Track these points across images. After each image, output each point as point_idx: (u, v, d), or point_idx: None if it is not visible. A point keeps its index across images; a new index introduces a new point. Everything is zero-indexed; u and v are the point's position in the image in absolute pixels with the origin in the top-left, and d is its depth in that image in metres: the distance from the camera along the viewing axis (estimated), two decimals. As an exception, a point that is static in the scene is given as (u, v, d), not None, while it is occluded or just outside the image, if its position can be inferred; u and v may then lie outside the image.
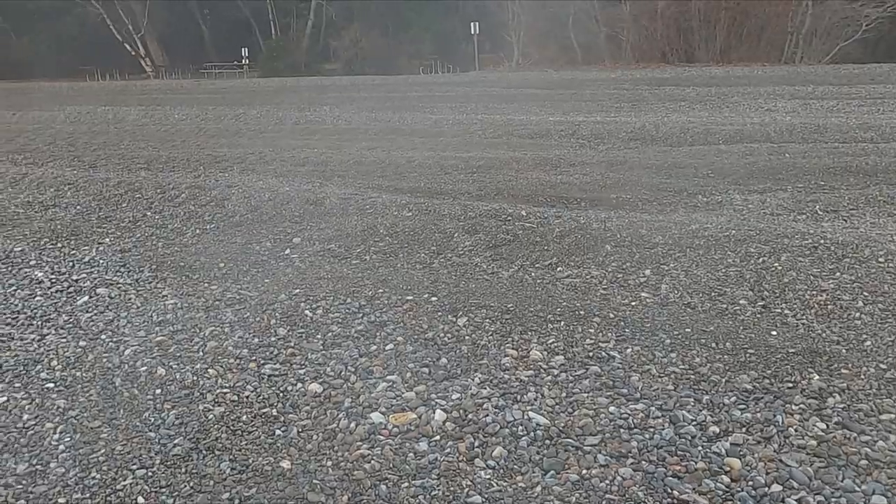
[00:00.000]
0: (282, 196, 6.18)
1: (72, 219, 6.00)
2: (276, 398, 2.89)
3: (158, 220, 5.83)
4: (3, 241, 5.37)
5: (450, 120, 12.54)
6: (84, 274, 4.54)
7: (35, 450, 2.64)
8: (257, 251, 4.88)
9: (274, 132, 11.95)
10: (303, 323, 3.61)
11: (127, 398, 2.95)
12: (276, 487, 2.33)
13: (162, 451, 2.58)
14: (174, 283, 4.29)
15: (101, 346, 3.44)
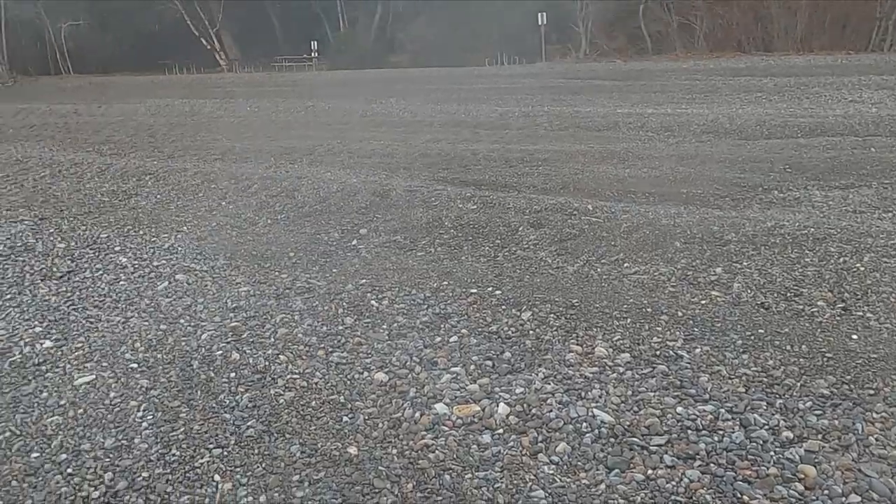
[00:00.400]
0: (349, 187, 6.31)
1: (152, 207, 6.30)
2: (344, 386, 2.97)
3: (232, 209, 6.05)
4: (90, 228, 5.70)
5: (515, 112, 12.46)
6: (164, 260, 4.77)
7: (121, 426, 2.81)
8: (325, 241, 5.01)
9: (341, 124, 12.17)
10: (369, 313, 3.69)
11: (204, 380, 3.10)
12: (343, 472, 2.40)
13: (236, 432, 2.69)
14: (247, 270, 4.46)
15: (179, 330, 3.62)
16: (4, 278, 4.66)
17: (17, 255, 5.13)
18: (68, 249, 5.17)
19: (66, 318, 3.89)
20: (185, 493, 2.40)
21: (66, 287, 4.39)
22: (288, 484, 2.38)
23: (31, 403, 3.05)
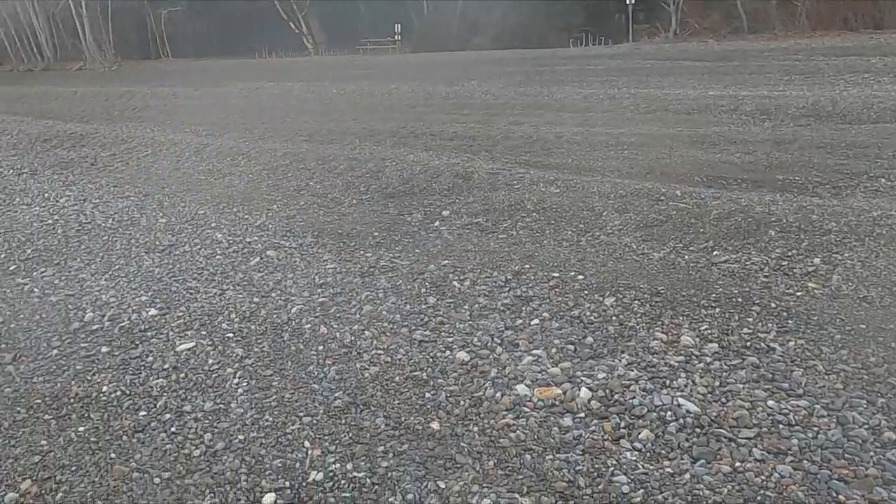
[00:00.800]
0: (432, 169, 6.37)
1: (245, 186, 6.59)
2: (426, 363, 3.03)
3: (319, 189, 6.24)
4: (189, 205, 6.03)
5: (600, 94, 12.18)
6: (256, 237, 4.99)
7: (218, 391, 2.99)
8: (409, 222, 5.09)
9: (424, 107, 12.27)
10: (451, 293, 3.74)
11: (294, 352, 3.24)
12: (426, 446, 2.47)
13: (324, 402, 2.81)
14: (334, 248, 4.60)
15: (271, 304, 3.79)
16: (113, 250, 5.01)
17: (124, 229, 5.50)
18: (169, 224, 5.50)
19: (169, 289, 4.15)
20: (278, 456, 2.53)
21: (167, 260, 4.68)
22: (373, 454, 2.47)
23: (138, 366, 3.28)
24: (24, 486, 2.56)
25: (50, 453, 2.73)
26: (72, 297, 4.19)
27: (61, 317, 3.92)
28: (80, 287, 4.34)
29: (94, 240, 5.30)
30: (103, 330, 3.70)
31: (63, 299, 4.16)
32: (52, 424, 2.92)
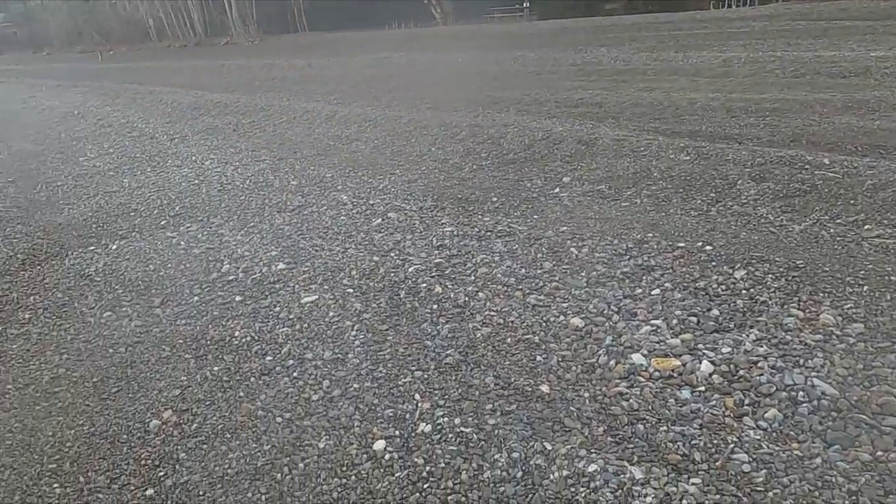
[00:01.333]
0: (554, 136, 6.22)
1: (370, 151, 6.78)
2: (539, 327, 2.99)
3: (441, 154, 6.30)
4: (318, 168, 6.30)
5: (741, 58, 11.30)
6: (378, 199, 5.13)
7: (337, 342, 3.12)
8: (528, 188, 5.02)
9: (550, 74, 11.99)
10: (568, 259, 3.65)
11: (409, 309, 3.32)
12: (535, 408, 2.45)
13: (436, 358, 2.86)
14: (452, 212, 4.63)
15: (389, 262, 3.89)
16: (249, 209, 5.35)
17: (259, 190, 5.85)
18: (299, 186, 5.78)
19: (296, 246, 4.37)
20: (389, 406, 2.61)
21: (296, 219, 4.93)
22: (481, 411, 2.48)
23: (267, 315, 3.50)
24: (166, 415, 2.83)
25: (188, 388, 2.99)
26: (212, 250, 4.53)
27: (202, 267, 4.25)
28: (219, 241, 4.68)
29: (232, 199, 5.69)
30: (238, 281, 3.98)
31: (204, 252, 4.51)
32: (191, 363, 3.19)
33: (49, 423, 2.91)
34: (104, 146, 9.33)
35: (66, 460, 2.66)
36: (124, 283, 4.23)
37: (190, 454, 2.57)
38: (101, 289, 4.20)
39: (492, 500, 2.11)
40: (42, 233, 5.63)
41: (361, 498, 2.22)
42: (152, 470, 2.53)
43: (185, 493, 2.38)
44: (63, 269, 4.67)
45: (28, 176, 8.11)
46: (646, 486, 2.03)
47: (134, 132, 10.14)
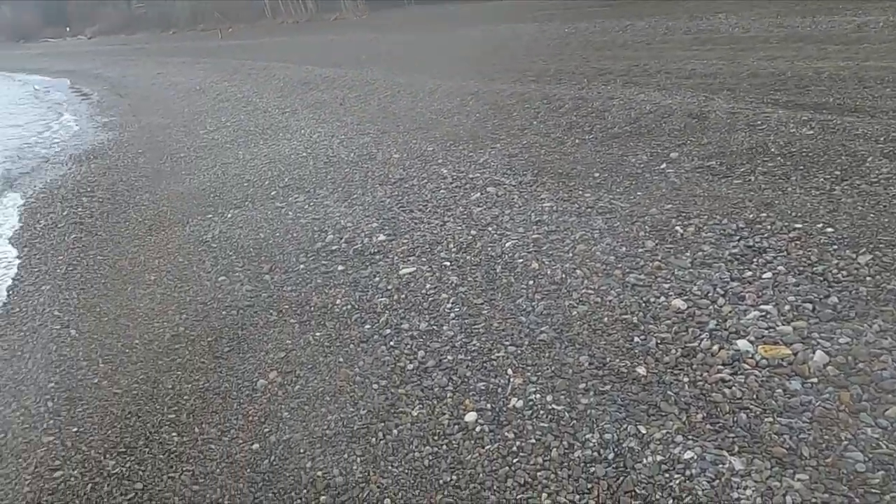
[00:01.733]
0: (663, 109, 5.95)
1: (472, 125, 6.77)
2: (638, 307, 2.90)
3: (543, 128, 6.19)
4: (420, 142, 6.37)
5: (879, 22, 10.28)
6: (478, 173, 5.12)
7: (433, 313, 3.18)
8: (632, 163, 4.84)
9: (661, 43, 11.43)
10: (672, 238, 3.51)
11: (505, 284, 3.31)
12: (630, 389, 2.39)
13: (530, 334, 2.85)
14: (552, 187, 4.56)
15: (487, 237, 3.89)
16: (353, 181, 5.50)
17: (362, 163, 6.01)
18: (401, 160, 5.87)
19: (397, 218, 4.46)
20: (482, 379, 2.64)
21: (397, 191, 5.02)
22: (574, 390, 2.45)
23: (366, 285, 3.61)
24: (272, 376, 2.99)
25: (292, 351, 3.14)
26: (317, 220, 4.71)
27: (308, 237, 4.44)
28: (324, 212, 4.85)
29: (337, 171, 5.87)
30: (340, 251, 4.12)
31: (310, 222, 4.70)
32: (295, 328, 3.35)
33: (169, 376, 3.16)
34: (222, 120, 9.87)
35: (183, 412, 2.89)
36: (237, 249, 4.48)
37: (292, 413, 2.71)
38: (216, 254, 4.48)
39: (581, 479, 2.09)
40: (166, 201, 6.06)
41: (451, 467, 2.27)
42: (258, 426, 2.69)
43: (287, 450, 2.52)
44: (184, 235, 5.02)
45: (155, 148, 8.74)
46: (746, 478, 1.94)
47: (249, 106, 10.66)
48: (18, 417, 3.06)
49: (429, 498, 2.17)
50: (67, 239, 5.46)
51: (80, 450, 2.75)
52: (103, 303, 4.12)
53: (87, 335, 3.73)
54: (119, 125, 11.60)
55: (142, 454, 2.67)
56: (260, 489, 2.38)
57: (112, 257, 4.87)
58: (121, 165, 8.02)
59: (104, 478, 2.57)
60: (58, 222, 5.98)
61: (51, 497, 2.52)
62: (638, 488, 2.00)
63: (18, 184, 8.12)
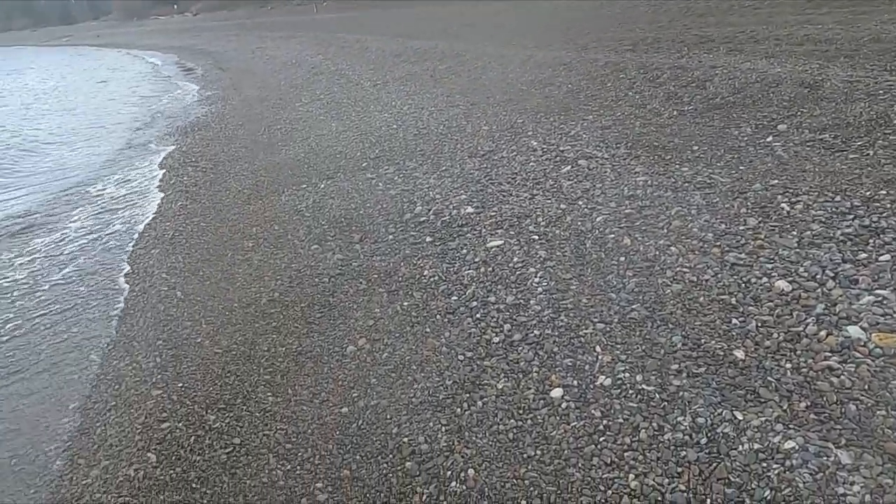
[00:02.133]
0: (770, 78, 5.57)
1: (563, 96, 6.60)
2: (737, 288, 2.76)
3: (638, 99, 5.95)
4: (510, 114, 6.29)
5: None
6: (569, 146, 5.00)
7: (520, 287, 3.15)
8: (735, 136, 4.58)
9: (770, 7, 10.68)
10: (777, 216, 3.30)
11: (595, 259, 3.23)
12: (726, 373, 2.28)
13: (620, 312, 2.77)
14: (646, 161, 4.38)
15: (577, 211, 3.80)
16: (442, 153, 5.51)
17: (452, 135, 5.99)
18: (490, 132, 5.82)
19: (485, 191, 4.43)
20: (569, 356, 2.59)
21: (486, 164, 4.98)
22: (666, 371, 2.37)
23: (454, 257, 3.62)
24: (361, 343, 3.07)
25: (381, 320, 3.21)
26: (406, 191, 4.76)
27: (397, 208, 4.49)
28: (413, 184, 4.89)
29: (427, 143, 5.89)
30: (428, 222, 4.15)
31: (399, 193, 4.76)
32: (384, 297, 3.42)
33: (265, 339, 3.31)
34: (316, 93, 10.11)
35: (277, 373, 3.02)
36: (329, 219, 4.61)
37: (380, 380, 2.78)
38: (310, 224, 4.62)
39: (671, 462, 2.03)
40: (263, 171, 6.30)
41: (536, 441, 2.26)
42: (347, 390, 2.78)
43: (374, 415, 2.59)
44: (279, 204, 5.21)
45: (254, 120, 9.08)
46: (854, 472, 1.82)
47: (342, 79, 10.86)
48: (131, 371, 3.30)
49: (513, 471, 2.18)
50: (174, 206, 5.79)
51: (184, 404, 2.94)
52: (205, 267, 4.35)
53: (191, 297, 3.95)
54: (221, 98, 12.13)
55: (239, 411, 2.81)
56: (348, 451, 2.46)
57: (214, 224, 5.13)
58: (222, 137, 8.39)
59: (206, 431, 2.74)
60: (166, 190, 6.35)
61: (158, 446, 2.71)
62: (732, 476, 1.92)
63: (148, 150, 8.67)
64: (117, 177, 7.64)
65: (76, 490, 2.57)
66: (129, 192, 6.80)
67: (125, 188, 7.02)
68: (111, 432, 2.86)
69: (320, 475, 2.40)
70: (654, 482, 1.99)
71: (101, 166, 8.33)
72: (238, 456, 2.57)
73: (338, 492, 2.31)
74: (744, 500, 1.86)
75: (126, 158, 8.54)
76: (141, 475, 2.56)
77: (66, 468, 2.72)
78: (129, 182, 7.26)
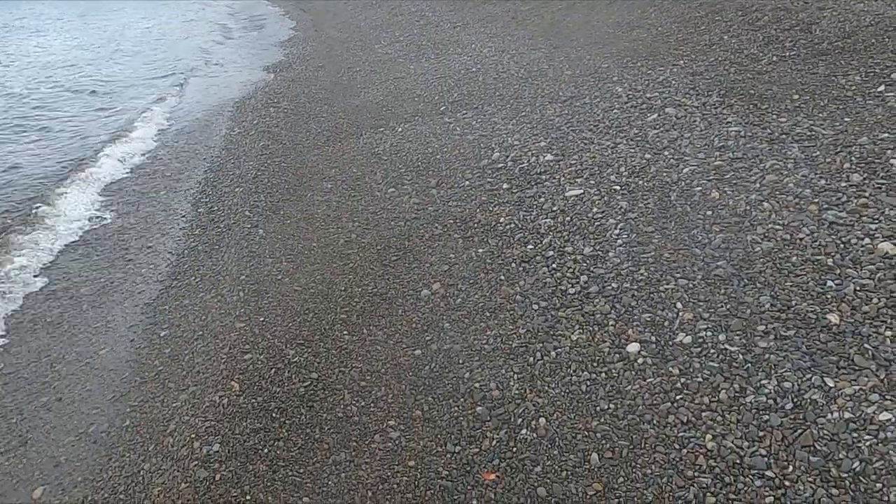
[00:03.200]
0: (888, 21, 5.08)
1: (652, 40, 6.26)
2: (835, 248, 2.59)
3: (735, 44, 5.57)
4: (594, 58, 6.03)
5: None
6: (656, 93, 4.76)
7: (599, 238, 3.07)
8: (841, 85, 4.23)
9: (891, -58, 9.68)
10: (885, 173, 3.05)
11: (679, 213, 3.10)
12: (818, 338, 2.17)
13: (704, 268, 2.66)
14: (740, 110, 4.13)
15: (662, 161, 3.64)
16: (522, 98, 5.37)
17: (533, 79, 5.82)
18: (573, 76, 5.61)
19: (565, 138, 4.30)
20: (647, 311, 2.52)
21: (567, 110, 4.82)
22: (752, 331, 2.27)
23: (531, 205, 3.56)
24: (435, 287, 3.09)
25: (455, 265, 3.21)
26: (484, 137, 4.68)
27: (474, 153, 4.43)
28: (491, 129, 4.81)
29: (506, 88, 5.75)
30: (506, 169, 4.08)
31: (477, 139, 4.68)
32: (459, 242, 3.41)
33: (342, 279, 3.38)
34: (395, 34, 10.00)
35: (353, 313, 3.09)
36: (406, 163, 4.60)
37: (453, 325, 2.80)
38: (387, 167, 4.63)
39: (752, 425, 1.96)
40: (343, 113, 6.34)
41: (609, 395, 2.23)
42: (421, 333, 2.81)
43: (447, 359, 2.62)
44: (358, 146, 5.24)
45: (334, 61, 9.10)
46: (955, 450, 1.71)
47: (422, 20, 10.68)
48: (216, 303, 3.46)
49: (584, 423, 2.16)
50: (257, 146, 5.93)
51: (265, 337, 3.06)
52: (286, 206, 4.46)
53: (272, 235, 4.07)
54: (302, 39, 12.21)
55: (317, 348, 2.91)
56: (420, 392, 2.51)
57: (294, 165, 5.22)
58: (303, 78, 8.47)
59: (285, 364, 2.85)
60: (249, 130, 6.49)
61: (241, 376, 2.84)
62: (818, 444, 1.84)
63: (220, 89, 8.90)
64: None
65: (167, 412, 2.75)
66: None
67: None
68: (198, 360, 3.02)
69: (393, 413, 2.46)
70: (732, 444, 1.93)
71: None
72: (315, 390, 2.66)
73: (409, 430, 2.37)
74: (829, 469, 1.78)
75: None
76: (225, 402, 2.70)
77: (158, 391, 2.91)
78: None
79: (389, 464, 2.26)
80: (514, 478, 2.08)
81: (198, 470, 2.37)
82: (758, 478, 1.84)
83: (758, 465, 1.86)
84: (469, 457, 2.20)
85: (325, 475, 2.26)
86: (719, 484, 1.86)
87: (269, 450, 2.41)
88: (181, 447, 2.51)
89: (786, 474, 1.81)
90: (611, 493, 1.94)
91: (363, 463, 2.28)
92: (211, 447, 2.46)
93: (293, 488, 2.24)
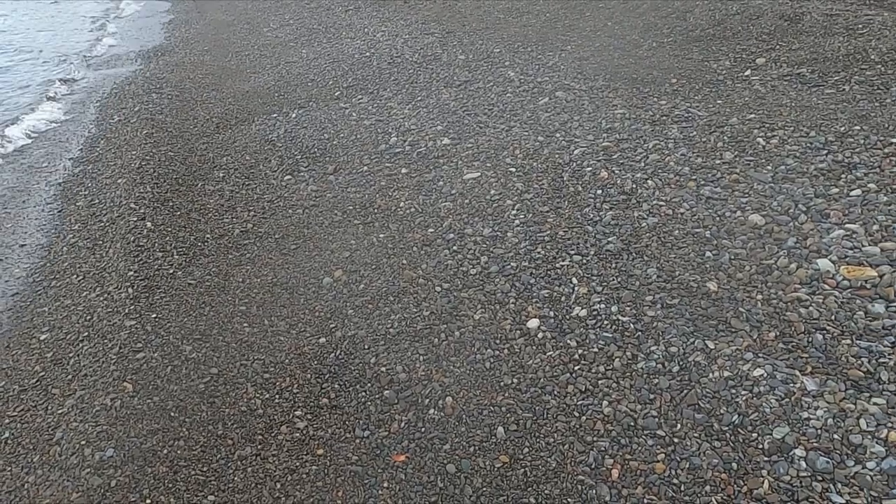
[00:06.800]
0: (752, 10, 5.49)
1: (541, 25, 6.44)
2: (712, 221, 2.79)
3: (617, 30, 5.83)
4: (486, 43, 6.13)
5: None
6: (546, 77, 4.91)
7: (497, 219, 3.14)
8: (713, 69, 4.54)
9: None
10: (753, 150, 3.31)
11: (571, 192, 3.23)
12: (699, 304, 2.33)
13: (596, 244, 2.79)
14: (625, 93, 4.34)
15: (554, 143, 3.77)
16: (417, 83, 5.38)
17: (427, 64, 5.84)
18: (467, 61, 5.67)
19: (461, 122, 4.36)
20: (545, 287, 2.62)
21: (462, 94, 4.88)
22: (640, 302, 2.41)
23: (430, 189, 3.58)
24: (337, 274, 3.06)
25: (357, 251, 3.19)
26: (381, 122, 4.65)
27: (372, 138, 4.40)
28: (387, 114, 4.79)
29: (401, 72, 5.73)
30: (404, 153, 4.08)
31: (374, 123, 4.65)
32: (359, 228, 3.39)
33: (239, 270, 3.28)
34: (285, 17, 9.70)
35: (253, 304, 3.00)
36: (302, 149, 4.50)
37: (357, 311, 2.78)
38: (282, 154, 4.51)
39: (644, 389, 2.09)
40: (232, 99, 6.09)
41: (512, 370, 2.30)
42: (324, 321, 2.78)
43: (352, 345, 2.60)
44: (250, 133, 5.06)
45: (220, 45, 8.71)
46: (818, 398, 1.90)
47: (312, 3, 10.41)
48: (103, 302, 3.25)
49: (490, 398, 2.22)
50: (140, 134, 5.59)
51: (159, 334, 2.92)
52: (175, 197, 4.25)
53: (161, 227, 3.87)
54: (184, 21, 11.58)
55: (216, 342, 2.81)
56: (326, 380, 2.49)
57: (182, 154, 4.98)
58: (187, 63, 8.06)
59: (182, 361, 2.73)
60: (130, 118, 6.11)
61: (134, 376, 2.70)
62: (702, 402, 1.99)
63: (96, 74, 8.30)
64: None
65: (52, 420, 2.57)
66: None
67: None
68: (85, 363, 2.84)
69: (299, 403, 2.43)
70: (626, 408, 2.05)
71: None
72: (216, 385, 2.58)
73: (317, 419, 2.35)
74: (712, 424, 1.93)
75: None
76: (118, 404, 2.55)
77: (40, 398, 2.71)
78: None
79: (297, 454, 2.23)
80: (423, 457, 2.11)
81: (90, 478, 2.24)
82: (650, 437, 1.96)
83: (650, 426, 1.99)
84: (378, 440, 2.21)
85: (230, 471, 2.20)
86: (616, 446, 1.98)
87: (168, 450, 2.31)
88: (70, 455, 2.35)
89: (675, 432, 1.95)
90: (517, 463, 2.02)
91: (270, 455, 2.24)
92: (104, 453, 2.33)
93: (197, 487, 2.16)
